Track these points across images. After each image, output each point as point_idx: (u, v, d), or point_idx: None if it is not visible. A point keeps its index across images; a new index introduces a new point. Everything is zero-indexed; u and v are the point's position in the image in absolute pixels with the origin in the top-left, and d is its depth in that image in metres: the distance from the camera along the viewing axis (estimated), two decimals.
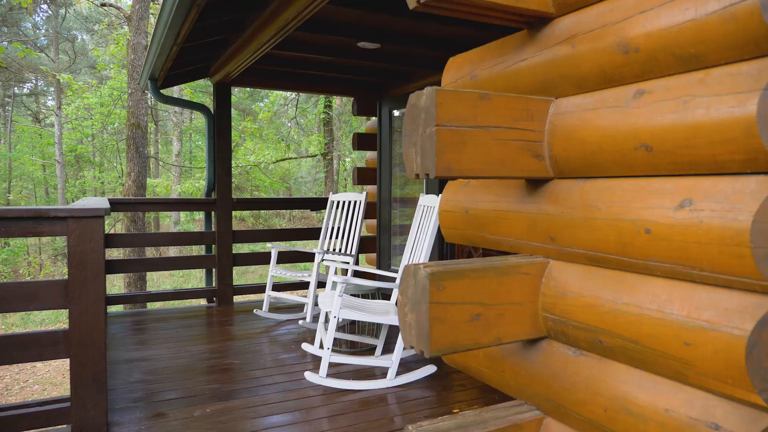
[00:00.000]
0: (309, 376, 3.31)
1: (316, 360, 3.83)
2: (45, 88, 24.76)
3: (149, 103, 17.82)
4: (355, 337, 4.10)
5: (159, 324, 4.88)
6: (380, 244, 6.04)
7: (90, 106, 18.92)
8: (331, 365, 3.66)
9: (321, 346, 3.88)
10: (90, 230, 2.58)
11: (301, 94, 16.82)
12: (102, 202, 3.31)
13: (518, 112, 1.33)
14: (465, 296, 1.28)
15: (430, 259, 4.75)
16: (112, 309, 5.44)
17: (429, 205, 3.57)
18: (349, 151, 19.02)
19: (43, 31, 23.32)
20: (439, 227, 3.38)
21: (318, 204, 6.33)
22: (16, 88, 23.96)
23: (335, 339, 4.02)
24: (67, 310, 2.62)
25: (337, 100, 16.33)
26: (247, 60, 4.53)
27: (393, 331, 4.45)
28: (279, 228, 20.08)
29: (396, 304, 3.80)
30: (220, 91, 5.48)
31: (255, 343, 4.28)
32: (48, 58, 21.35)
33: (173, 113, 20.61)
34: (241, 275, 16.14)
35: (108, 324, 4.81)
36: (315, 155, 14.66)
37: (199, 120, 21.52)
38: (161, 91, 5.52)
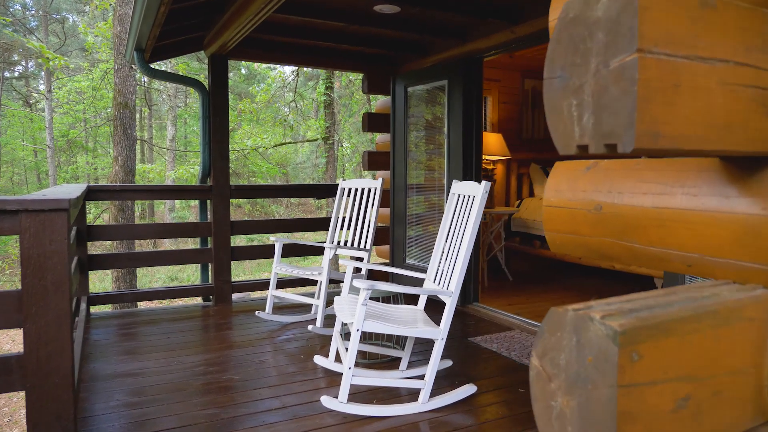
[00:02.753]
0: (326, 401, 2.75)
1: (330, 376, 3.27)
2: (36, 72, 23.97)
3: (143, 85, 17.12)
4: (373, 346, 3.55)
5: (149, 327, 4.31)
6: (393, 235, 5.47)
7: (81, 90, 18.20)
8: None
9: (336, 359, 3.32)
10: (50, 227, 1.99)
11: (299, 77, 16.14)
12: (72, 191, 2.72)
13: (751, 35, 0.74)
14: (669, 368, 0.71)
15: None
16: (97, 309, 4.87)
17: (468, 194, 2.99)
18: (348, 135, 18.38)
19: (32, 12, 22.48)
20: (475, 223, 2.81)
21: (324, 191, 5.75)
22: (6, 72, 23.16)
23: (347, 349, 3.45)
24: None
25: (336, 82, 15.66)
26: (246, 26, 3.92)
27: (420, 341, 3.89)
28: (281, 218, 19.47)
29: (418, 314, 3.24)
30: (216, 65, 4.86)
31: (258, 352, 3.72)
32: (36, 39, 20.55)
33: (167, 97, 19.89)
34: (236, 266, 15.56)
35: (91, 328, 4.24)
36: (316, 139, 14.02)
37: (196, 104, 20.79)
38: (150, 66, 4.91)
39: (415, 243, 5.33)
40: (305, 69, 16.21)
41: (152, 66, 4.92)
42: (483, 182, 2.79)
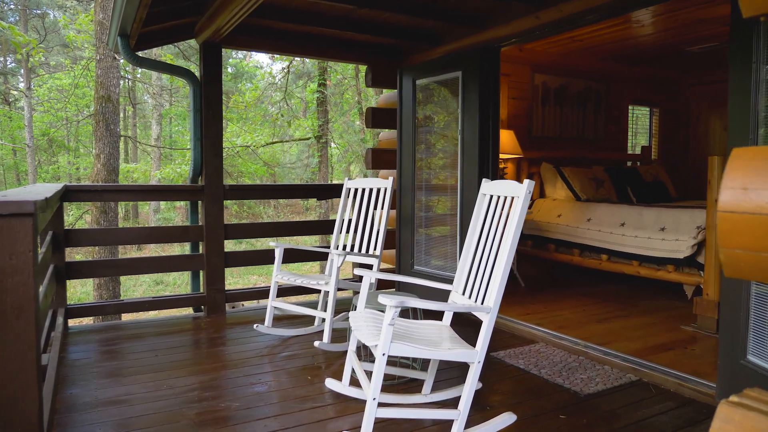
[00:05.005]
0: None
1: (344, 402, 2.87)
2: (15, 68, 23.22)
3: (127, 82, 16.54)
4: (387, 366, 3.15)
5: (134, 343, 3.88)
6: (400, 239, 5.08)
7: (63, 88, 17.59)
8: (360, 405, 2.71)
9: (351, 383, 2.92)
10: (9, 237, 1.58)
11: (289, 74, 15.70)
12: (44, 191, 2.30)
13: None
14: None
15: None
16: (77, 323, 4.42)
17: (504, 195, 2.61)
18: (338, 134, 17.95)
19: (11, 6, 21.76)
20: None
21: (326, 191, 5.35)
22: None
23: (367, 373, 3.05)
24: None
25: (327, 80, 15.23)
26: (244, 7, 3.51)
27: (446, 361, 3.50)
28: (280, 221, 19.04)
29: (448, 323, 2.85)
30: (208, 53, 4.44)
31: (258, 372, 3.30)
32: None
33: (152, 95, 19.31)
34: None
35: (69, 345, 3.79)
36: (308, 138, 13.59)
37: (181, 104, 20.18)
38: (136, 53, 4.47)
39: (423, 247, 4.95)
40: (296, 64, 15.78)
41: (138, 54, 4.49)
42: (526, 181, 2.41)
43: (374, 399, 2.26)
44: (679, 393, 3.03)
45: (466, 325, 4.27)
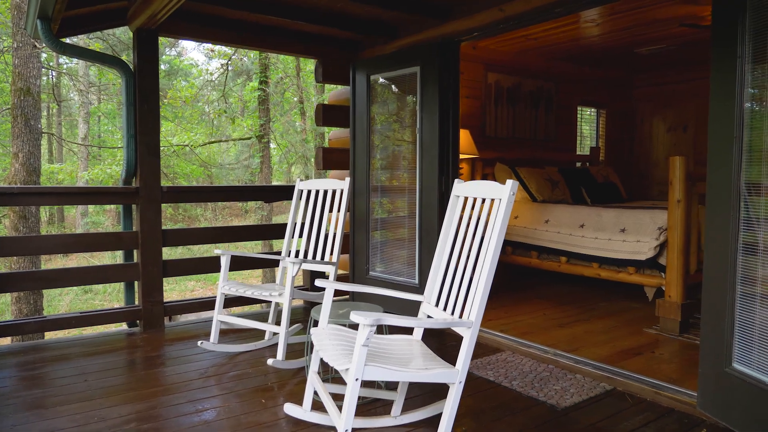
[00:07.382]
0: None
1: (305, 429, 2.56)
2: None
3: (51, 78, 15.38)
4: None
5: (59, 366, 3.41)
6: (354, 244, 4.80)
7: None
8: None
9: (313, 407, 2.62)
10: None
11: (228, 71, 15.10)
12: None
13: None
14: None
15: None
16: None
17: (482, 197, 2.38)
18: (281, 135, 17.44)
19: None
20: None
21: (275, 194, 5.00)
22: None
23: (332, 396, 2.75)
24: None
25: (268, 78, 14.73)
26: None
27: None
28: (224, 225, 18.31)
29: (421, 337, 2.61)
30: (143, 40, 4.02)
31: (204, 396, 2.94)
32: None
33: (79, 91, 18.13)
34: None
35: None
36: (249, 138, 13.06)
37: (111, 101, 19.03)
38: (60, 39, 3.98)
39: (379, 251, 4.69)
40: (235, 60, 15.19)
41: (62, 41, 4.00)
42: (509, 181, 2.19)
43: (346, 431, 1.98)
44: (656, 402, 2.91)
45: (427, 336, 4.05)
